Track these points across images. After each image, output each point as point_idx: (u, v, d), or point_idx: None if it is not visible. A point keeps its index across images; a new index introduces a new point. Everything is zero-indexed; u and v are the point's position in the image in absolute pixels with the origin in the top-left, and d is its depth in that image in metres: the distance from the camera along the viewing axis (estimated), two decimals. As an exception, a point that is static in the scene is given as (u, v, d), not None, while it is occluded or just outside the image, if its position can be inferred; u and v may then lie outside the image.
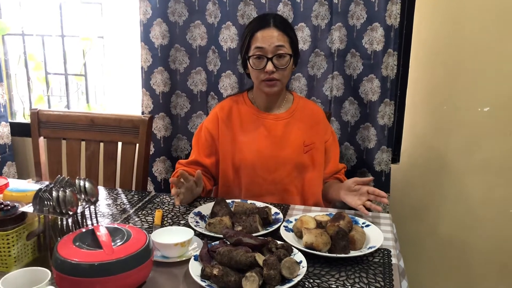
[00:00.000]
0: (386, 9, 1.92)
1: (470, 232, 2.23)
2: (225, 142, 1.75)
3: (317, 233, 1.26)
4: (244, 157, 1.73)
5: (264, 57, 1.63)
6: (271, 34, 1.64)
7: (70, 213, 1.19)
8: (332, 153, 1.81)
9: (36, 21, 2.62)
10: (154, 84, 2.15)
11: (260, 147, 1.72)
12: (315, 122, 1.78)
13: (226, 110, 1.77)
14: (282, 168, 1.72)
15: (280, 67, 1.64)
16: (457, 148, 2.15)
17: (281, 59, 1.64)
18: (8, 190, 1.37)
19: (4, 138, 2.47)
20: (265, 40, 1.63)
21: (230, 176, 1.76)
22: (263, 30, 1.65)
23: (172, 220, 1.51)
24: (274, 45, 1.63)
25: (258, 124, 1.74)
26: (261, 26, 1.65)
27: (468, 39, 2.03)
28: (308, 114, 1.78)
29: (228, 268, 1.10)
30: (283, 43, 1.64)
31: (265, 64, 1.64)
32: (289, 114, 1.76)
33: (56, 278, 1.04)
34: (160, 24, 2.07)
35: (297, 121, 1.75)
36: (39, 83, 2.78)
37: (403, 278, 1.31)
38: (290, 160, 1.72)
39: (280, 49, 1.63)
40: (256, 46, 1.64)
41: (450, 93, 2.10)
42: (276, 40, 1.63)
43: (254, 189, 1.73)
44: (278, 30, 1.64)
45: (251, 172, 1.73)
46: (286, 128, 1.74)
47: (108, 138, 1.96)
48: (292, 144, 1.72)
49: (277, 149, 1.72)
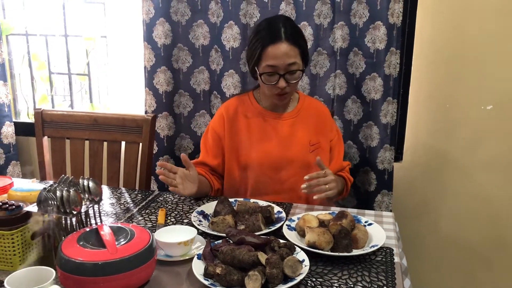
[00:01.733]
0: (389, 8, 1.92)
1: (473, 230, 2.22)
2: (231, 142, 1.76)
3: (320, 232, 1.27)
4: (251, 156, 1.73)
5: (276, 73, 1.62)
6: (283, 51, 1.59)
7: (74, 212, 1.20)
8: (336, 151, 1.80)
9: (40, 21, 2.62)
10: (157, 83, 2.15)
11: (267, 147, 1.73)
12: (320, 121, 1.78)
13: (232, 110, 1.77)
14: (288, 167, 1.72)
15: (292, 81, 1.63)
16: (460, 147, 2.15)
17: (293, 74, 1.63)
18: (12, 189, 1.37)
19: (8, 138, 2.48)
20: (277, 57, 1.59)
21: (236, 175, 1.76)
22: (274, 45, 1.59)
23: (176, 219, 1.52)
24: (286, 63, 1.60)
25: (264, 124, 1.75)
26: (272, 40, 1.60)
27: (471, 37, 2.03)
28: (313, 114, 1.78)
29: (231, 267, 1.11)
30: (295, 59, 1.61)
31: (277, 80, 1.62)
32: (295, 114, 1.76)
33: (60, 277, 1.05)
34: (163, 23, 2.08)
35: (303, 121, 1.76)
36: (42, 83, 2.79)
37: (406, 276, 1.31)
38: (296, 159, 1.72)
39: (293, 66, 1.61)
40: (268, 64, 1.61)
41: (453, 91, 2.10)
42: (287, 57, 1.59)
43: (261, 188, 1.74)
44: (290, 44, 1.59)
45: (257, 171, 1.73)
46: (292, 128, 1.74)
47: (111, 137, 1.97)
48: (298, 144, 1.73)
49: (283, 149, 1.73)
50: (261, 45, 1.61)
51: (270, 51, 1.60)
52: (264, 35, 1.62)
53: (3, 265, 1.18)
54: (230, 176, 1.78)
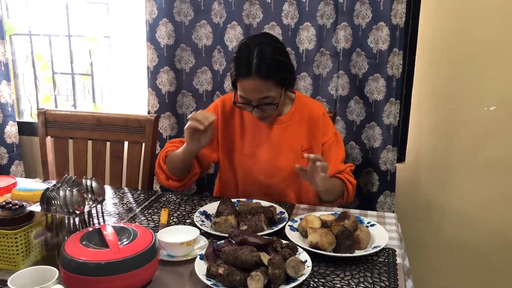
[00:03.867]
0: (392, 8, 1.92)
1: (475, 231, 2.22)
2: (224, 141, 1.75)
3: (322, 232, 1.27)
4: (241, 159, 1.73)
5: (250, 104, 1.58)
6: (252, 86, 1.52)
7: (77, 212, 1.20)
8: (332, 154, 1.70)
9: (43, 21, 2.63)
10: (160, 83, 2.16)
11: (257, 152, 1.71)
12: (313, 125, 1.71)
13: (228, 106, 1.73)
14: (278, 173, 1.70)
15: (267, 110, 1.58)
16: (463, 147, 2.15)
17: (268, 105, 1.57)
18: (16, 189, 1.38)
19: (11, 137, 2.49)
20: (247, 92, 1.54)
21: (228, 174, 1.77)
22: (243, 79, 1.53)
23: (178, 219, 1.52)
24: (257, 98, 1.54)
25: (257, 127, 1.71)
26: (243, 74, 1.53)
27: (474, 38, 2.02)
28: (306, 117, 1.71)
29: (234, 267, 1.11)
30: (267, 93, 1.53)
31: (252, 109, 1.59)
32: (288, 118, 1.71)
33: (63, 277, 1.06)
34: (166, 24, 2.08)
35: (296, 125, 1.71)
36: (46, 83, 2.80)
37: (408, 277, 1.31)
38: (286, 166, 1.68)
39: (265, 100, 1.55)
40: (240, 95, 1.57)
41: (456, 92, 2.10)
42: (258, 92, 1.53)
43: (250, 190, 1.74)
44: (261, 79, 1.51)
45: (247, 174, 1.73)
46: (285, 132, 1.70)
47: (114, 137, 1.98)
48: (290, 150, 1.69)
49: (273, 155, 1.70)
50: (234, 76, 1.56)
51: (240, 84, 1.55)
52: (236, 67, 1.56)
53: (6, 264, 1.19)
54: (223, 173, 1.79)
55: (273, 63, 1.53)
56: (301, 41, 2.04)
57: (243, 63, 1.53)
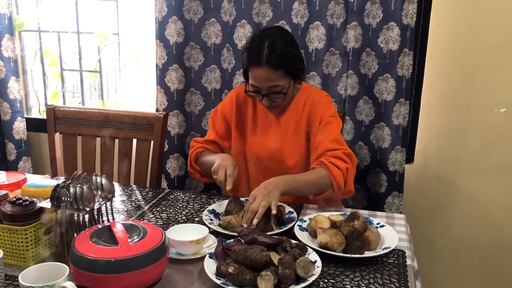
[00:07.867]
0: (403, 8, 1.90)
1: (484, 233, 2.20)
2: (237, 130, 1.78)
3: (332, 233, 1.26)
4: (251, 147, 1.76)
5: (260, 93, 1.62)
6: (263, 75, 1.57)
7: (87, 209, 1.20)
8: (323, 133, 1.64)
9: (52, 17, 2.64)
10: (169, 81, 2.16)
11: (266, 140, 1.74)
12: (314, 107, 1.71)
13: (241, 96, 1.78)
14: (286, 160, 1.72)
15: (276, 99, 1.63)
16: (472, 149, 2.13)
17: (278, 93, 1.61)
18: (26, 185, 1.38)
19: (20, 133, 2.50)
20: (257, 80, 1.59)
21: (240, 164, 1.76)
22: (254, 68, 1.58)
23: (187, 217, 1.52)
24: (267, 86, 1.59)
25: (267, 116, 1.75)
26: (253, 63, 1.58)
27: (485, 39, 2.01)
28: (310, 102, 1.73)
29: (243, 266, 1.11)
30: (277, 82, 1.58)
31: (261, 98, 1.63)
32: (294, 105, 1.73)
33: (73, 274, 1.06)
34: (175, 21, 2.08)
35: (299, 110, 1.73)
36: (54, 79, 2.80)
37: (417, 279, 1.30)
38: (294, 152, 1.71)
39: (275, 88, 1.59)
40: (251, 83, 1.62)
41: (466, 94, 2.08)
42: (268, 81, 1.57)
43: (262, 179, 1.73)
44: (271, 68, 1.55)
45: (257, 162, 1.75)
46: (290, 119, 1.72)
47: (123, 135, 1.98)
48: (295, 135, 1.72)
49: (282, 142, 1.72)
50: (246, 64, 1.61)
51: (252, 73, 1.60)
52: (247, 56, 1.60)
53: (16, 260, 1.19)
54: None
55: (283, 54, 1.58)
56: (311, 40, 2.03)
57: (254, 53, 1.58)
